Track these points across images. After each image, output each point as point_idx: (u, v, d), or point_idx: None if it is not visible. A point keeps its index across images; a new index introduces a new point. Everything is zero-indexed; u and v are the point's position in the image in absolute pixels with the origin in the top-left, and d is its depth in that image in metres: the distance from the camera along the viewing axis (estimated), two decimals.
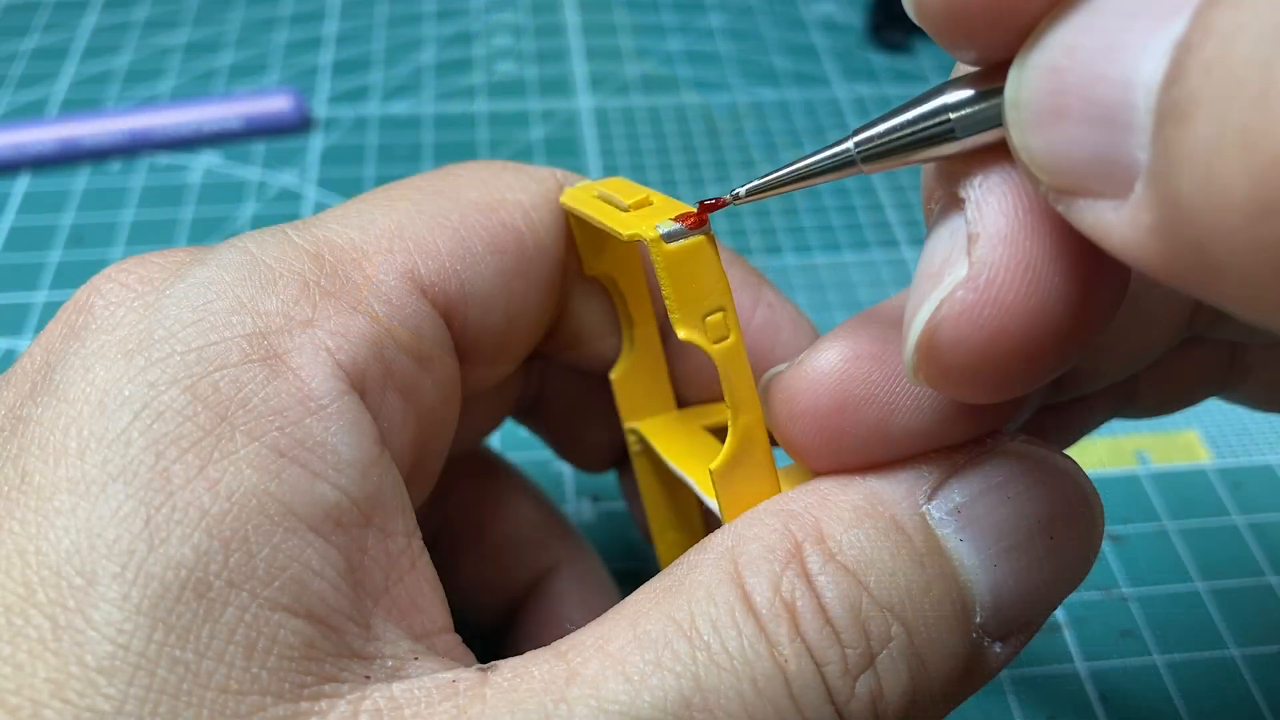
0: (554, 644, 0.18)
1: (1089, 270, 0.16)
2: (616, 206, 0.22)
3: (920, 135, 0.17)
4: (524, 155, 0.52)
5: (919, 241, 0.49)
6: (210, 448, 0.17)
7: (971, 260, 0.16)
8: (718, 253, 0.20)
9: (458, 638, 0.20)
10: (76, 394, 0.18)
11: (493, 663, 0.18)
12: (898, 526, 0.19)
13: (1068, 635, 0.33)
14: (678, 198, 0.22)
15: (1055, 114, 0.14)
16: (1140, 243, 0.13)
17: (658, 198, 0.22)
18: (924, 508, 0.19)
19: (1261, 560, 0.35)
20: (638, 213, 0.21)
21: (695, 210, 0.20)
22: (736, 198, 0.20)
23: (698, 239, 0.20)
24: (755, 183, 0.19)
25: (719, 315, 0.20)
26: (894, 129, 0.17)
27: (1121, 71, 0.13)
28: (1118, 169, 0.13)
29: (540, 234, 0.23)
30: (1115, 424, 0.40)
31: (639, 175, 0.52)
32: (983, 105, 0.16)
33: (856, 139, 0.18)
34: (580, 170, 0.52)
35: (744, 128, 0.55)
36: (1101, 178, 0.14)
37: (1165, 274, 0.13)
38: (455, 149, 0.53)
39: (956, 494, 0.19)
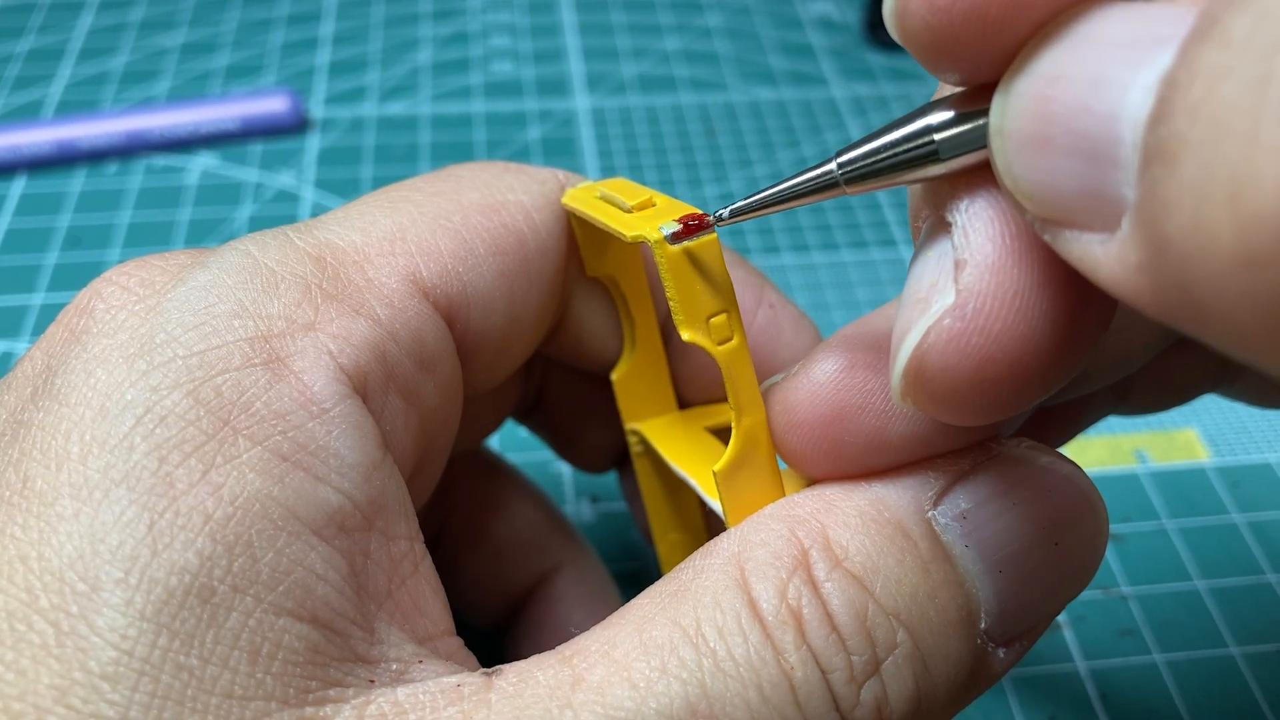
0: (558, 648, 0.18)
1: (1076, 296, 0.16)
2: (619, 208, 0.22)
3: (904, 157, 0.17)
4: (521, 155, 0.52)
5: None
6: (213, 452, 0.17)
7: (959, 288, 0.16)
8: (722, 254, 0.20)
9: (460, 641, 0.20)
10: (78, 398, 0.18)
11: (497, 667, 0.18)
12: (904, 533, 0.19)
13: (1068, 634, 0.33)
14: (676, 198, 0.22)
15: (1040, 145, 0.14)
16: (1127, 279, 0.13)
17: (661, 199, 0.21)
18: (930, 514, 0.19)
19: (1261, 558, 0.36)
20: (641, 214, 0.21)
21: (700, 212, 0.20)
22: (719, 219, 0.20)
23: (702, 241, 0.20)
24: (738, 204, 0.19)
25: (722, 317, 0.20)
26: (877, 150, 0.17)
27: (1108, 105, 0.13)
28: (1104, 204, 0.13)
29: (542, 235, 0.23)
30: (1115, 423, 0.40)
31: (636, 175, 0.52)
32: (967, 127, 0.16)
33: (839, 160, 0.17)
34: (578, 170, 0.52)
35: (741, 127, 0.55)
36: (1088, 211, 0.14)
37: (1152, 311, 0.13)
38: (452, 149, 0.53)
39: (962, 500, 0.19)
